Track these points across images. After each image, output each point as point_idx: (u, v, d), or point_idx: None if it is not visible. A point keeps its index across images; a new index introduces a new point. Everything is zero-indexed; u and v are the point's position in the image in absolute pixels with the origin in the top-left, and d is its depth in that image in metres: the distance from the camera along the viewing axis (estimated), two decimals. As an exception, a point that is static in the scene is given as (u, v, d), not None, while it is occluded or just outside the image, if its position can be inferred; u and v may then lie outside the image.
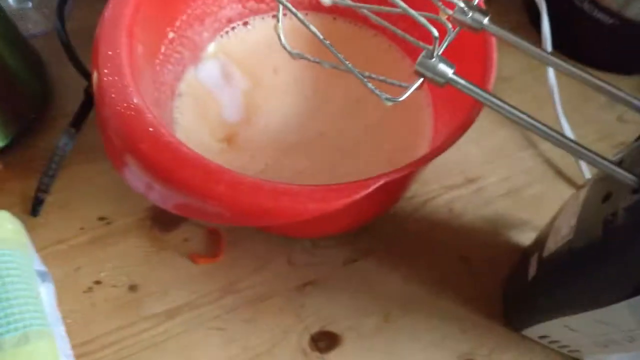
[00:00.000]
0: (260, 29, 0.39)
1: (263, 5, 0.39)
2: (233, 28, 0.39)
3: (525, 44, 0.25)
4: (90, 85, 0.39)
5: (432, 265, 0.37)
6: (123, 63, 0.27)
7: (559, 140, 0.23)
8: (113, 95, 0.26)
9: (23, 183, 0.37)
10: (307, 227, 0.33)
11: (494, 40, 0.29)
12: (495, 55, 0.29)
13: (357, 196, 0.24)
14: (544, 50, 0.26)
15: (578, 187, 0.30)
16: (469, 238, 0.38)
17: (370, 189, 0.24)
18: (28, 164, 0.38)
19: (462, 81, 0.23)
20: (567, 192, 0.38)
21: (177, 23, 0.34)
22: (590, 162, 0.22)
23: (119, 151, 0.27)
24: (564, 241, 0.25)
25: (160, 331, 0.34)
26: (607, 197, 0.23)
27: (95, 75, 0.27)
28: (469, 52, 0.30)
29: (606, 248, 0.22)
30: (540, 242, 0.30)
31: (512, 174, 0.41)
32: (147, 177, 0.26)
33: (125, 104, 0.26)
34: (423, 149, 0.34)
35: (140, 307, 0.35)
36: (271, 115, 0.36)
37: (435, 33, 0.21)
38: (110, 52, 0.27)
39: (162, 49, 0.33)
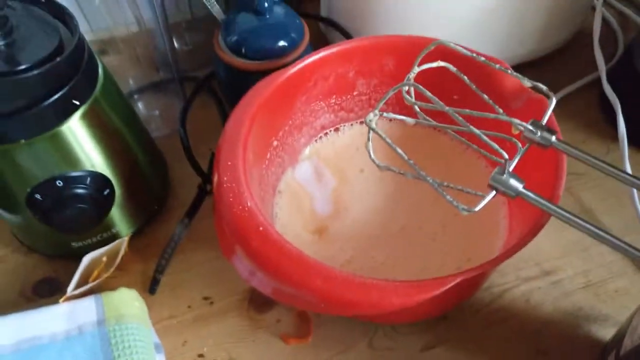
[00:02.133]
0: (349, 134, 0.45)
1: (352, 115, 0.45)
2: (326, 134, 0.45)
3: (592, 159, 0.28)
4: (203, 182, 0.46)
5: (508, 357, 0.38)
6: (239, 172, 0.33)
7: (625, 250, 0.25)
8: (231, 199, 0.32)
9: (144, 265, 0.44)
10: (390, 316, 0.36)
11: (563, 155, 0.32)
12: (563, 168, 0.32)
13: (436, 292, 0.27)
14: (611, 166, 0.28)
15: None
16: (547, 331, 0.39)
17: (448, 286, 0.28)
18: (148, 249, 0.44)
19: (531, 195, 0.26)
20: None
21: (280, 133, 0.40)
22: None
23: (231, 243, 0.32)
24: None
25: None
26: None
27: (216, 181, 0.33)
28: (541, 162, 0.33)
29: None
30: (618, 339, 0.31)
31: (590, 267, 0.42)
32: (253, 266, 0.31)
33: (240, 207, 0.32)
34: (497, 246, 0.37)
35: (237, 379, 0.38)
36: (357, 211, 0.41)
37: (505, 155, 0.25)
38: (229, 163, 0.33)
39: (268, 155, 0.40)
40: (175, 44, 0.59)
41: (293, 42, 0.45)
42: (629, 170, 0.43)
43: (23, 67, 0.32)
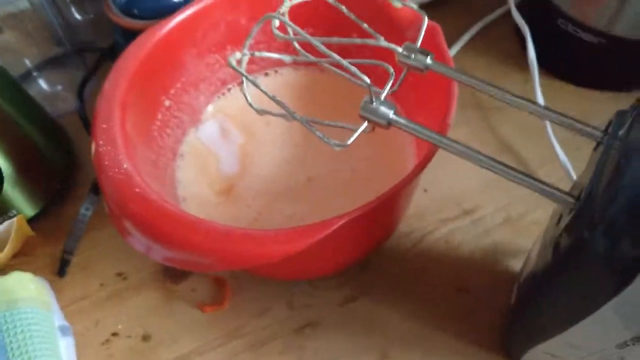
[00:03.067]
0: (253, 87, 0.42)
1: (254, 66, 0.42)
2: (229, 89, 0.42)
3: (466, 77, 0.26)
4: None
5: (430, 299, 0.37)
6: (115, 134, 0.31)
7: (507, 173, 0.24)
8: (106, 163, 0.30)
9: (52, 247, 0.41)
10: (298, 268, 0.35)
11: (452, 85, 0.30)
12: (454, 91, 0.30)
13: (320, 236, 0.26)
14: (477, 79, 0.26)
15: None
16: (467, 270, 0.38)
17: (332, 229, 0.26)
18: (56, 230, 0.42)
19: (402, 121, 0.24)
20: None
21: (172, 91, 0.38)
22: (534, 188, 0.23)
23: (118, 215, 0.30)
24: (531, 267, 0.26)
25: (170, 377, 0.36)
26: (559, 220, 0.23)
27: (92, 146, 0.31)
28: (438, 90, 0.31)
29: (555, 270, 0.22)
30: (521, 270, 0.30)
31: (509, 202, 0.41)
32: (138, 233, 0.29)
33: (116, 170, 0.29)
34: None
35: (152, 355, 0.37)
36: (264, 166, 0.39)
37: (366, 80, 0.23)
38: (104, 125, 0.31)
39: (159, 116, 0.37)
40: (76, 15, 0.55)
41: (186, -5, 0.42)
42: (540, 98, 0.42)
43: None
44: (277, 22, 0.28)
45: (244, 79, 0.28)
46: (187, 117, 0.40)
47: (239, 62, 0.28)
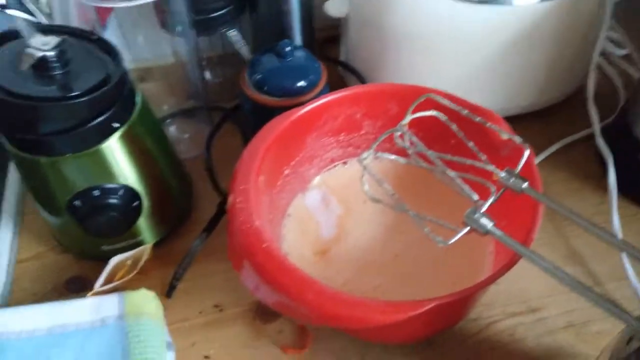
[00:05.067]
0: (356, 167, 0.49)
1: (359, 150, 0.49)
2: (335, 166, 0.49)
3: (556, 205, 0.31)
4: (222, 202, 0.50)
5: (489, 385, 0.41)
6: (250, 195, 0.38)
7: (584, 292, 0.28)
8: (241, 218, 0.36)
9: (163, 271, 0.48)
10: (378, 334, 0.39)
11: (539, 208, 0.35)
12: (540, 212, 0.35)
13: (414, 313, 0.31)
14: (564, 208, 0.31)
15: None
16: (527, 364, 0.41)
17: (424, 309, 0.31)
18: (169, 257, 0.49)
19: (499, 233, 0.30)
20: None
21: (292, 163, 0.45)
22: (611, 313, 0.27)
23: (240, 257, 0.37)
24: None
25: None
26: (629, 341, 0.27)
27: (230, 202, 0.38)
28: (522, 213, 0.36)
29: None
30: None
31: (574, 308, 0.44)
32: (257, 279, 0.35)
33: (249, 225, 0.36)
34: (483, 277, 0.40)
35: (235, 382, 0.42)
36: (357, 238, 0.45)
37: (475, 198, 0.29)
38: (242, 187, 0.38)
39: (279, 182, 0.44)
40: (207, 76, 0.65)
41: (311, 82, 0.50)
42: (616, 220, 0.46)
43: (75, 93, 0.38)
44: (398, 132, 0.34)
45: (366, 173, 0.34)
46: (298, 185, 0.47)
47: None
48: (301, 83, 0.49)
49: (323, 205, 0.47)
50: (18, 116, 0.38)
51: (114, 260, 0.44)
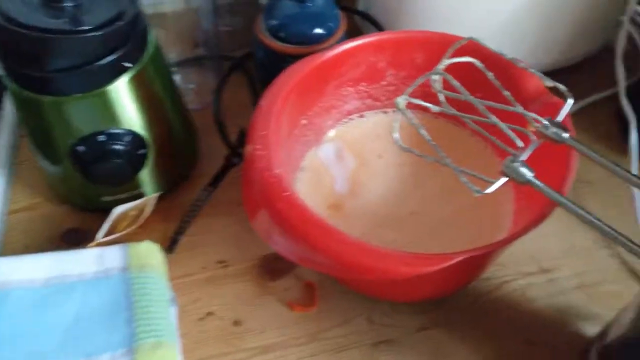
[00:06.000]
0: (372, 121, 0.47)
1: (378, 103, 0.47)
2: (351, 119, 0.48)
3: (600, 158, 0.30)
4: (230, 155, 0.48)
5: (498, 344, 0.40)
6: (271, 142, 0.36)
7: (626, 244, 0.27)
8: (262, 165, 0.35)
9: (166, 225, 0.46)
10: (392, 289, 0.39)
11: (575, 152, 0.34)
12: (574, 163, 0.34)
13: (439, 266, 0.30)
14: (623, 169, 0.30)
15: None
16: (537, 324, 0.41)
17: (452, 262, 0.30)
18: (171, 211, 0.47)
19: (539, 183, 0.29)
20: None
21: (310, 113, 0.43)
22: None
23: (257, 206, 0.35)
24: (622, 332, 0.29)
25: (253, 362, 0.40)
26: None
27: (249, 148, 0.36)
28: (555, 157, 0.35)
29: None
30: (603, 334, 0.34)
31: (586, 269, 0.44)
32: (277, 229, 0.34)
33: (269, 172, 0.34)
34: (502, 236, 0.39)
35: (240, 339, 0.41)
36: (372, 193, 0.44)
37: (520, 143, 0.28)
38: (263, 132, 0.36)
39: (296, 132, 0.42)
40: (218, 25, 0.62)
41: (329, 30, 0.47)
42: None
43: (86, 27, 0.35)
44: (436, 77, 0.33)
45: (398, 119, 0.32)
46: (314, 137, 0.45)
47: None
48: (319, 30, 0.47)
49: (337, 159, 0.46)
50: (24, 49, 0.36)
51: (117, 211, 0.42)
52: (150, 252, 0.40)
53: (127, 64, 0.39)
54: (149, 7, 0.52)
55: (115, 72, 0.39)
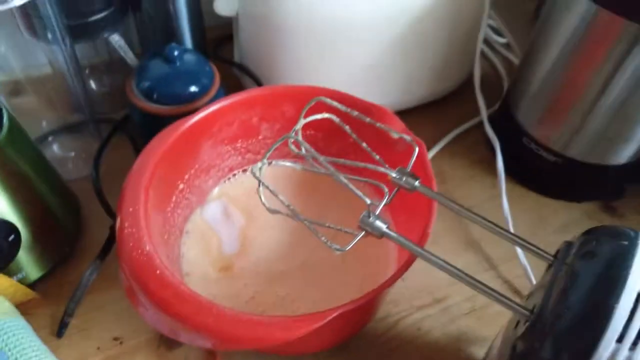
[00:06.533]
0: (256, 175, 0.47)
1: (259, 156, 0.48)
2: (234, 175, 0.47)
3: (447, 201, 0.32)
4: (114, 225, 0.47)
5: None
6: (139, 218, 0.35)
7: (474, 284, 0.29)
8: (131, 244, 0.34)
9: (53, 308, 0.44)
10: (285, 348, 0.38)
11: (433, 204, 0.36)
12: (434, 210, 0.36)
13: (315, 326, 0.30)
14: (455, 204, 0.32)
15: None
16: (433, 355, 0.42)
17: (326, 320, 0.30)
18: (59, 291, 0.44)
19: (394, 234, 0.30)
20: (524, 311, 0.43)
21: (186, 176, 0.43)
22: (498, 302, 0.28)
23: (132, 287, 0.34)
24: (495, 356, 0.30)
25: None
26: (516, 325, 0.29)
27: (118, 226, 0.35)
28: (420, 207, 0.37)
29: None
30: (485, 358, 0.35)
31: (475, 293, 0.46)
32: (154, 309, 0.33)
33: (139, 251, 0.33)
34: (391, 270, 0.40)
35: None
36: (262, 248, 0.43)
37: (368, 201, 0.28)
38: (131, 209, 0.35)
39: (174, 198, 0.42)
40: (93, 86, 0.60)
41: (204, 87, 0.47)
42: (505, 204, 0.49)
43: None
44: (291, 139, 0.33)
45: (261, 185, 0.33)
46: (195, 198, 0.44)
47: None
48: (193, 88, 0.47)
49: (224, 217, 0.45)
50: None
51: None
52: None
53: (-23, 153, 0.37)
54: (13, 74, 0.50)
55: (-35, 162, 0.36)
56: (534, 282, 0.46)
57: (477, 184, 0.54)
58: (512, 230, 0.48)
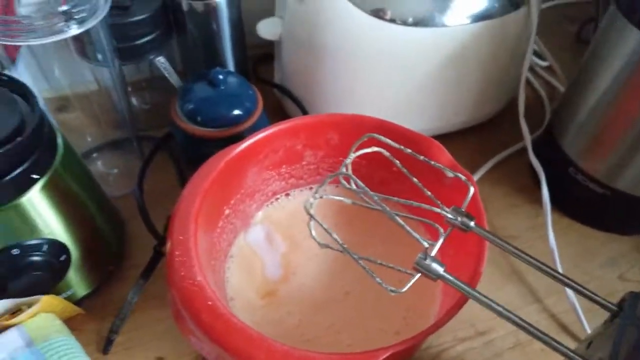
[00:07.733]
0: (299, 199, 0.47)
1: (301, 181, 0.48)
2: (277, 199, 0.48)
3: (502, 244, 0.32)
4: (158, 244, 0.47)
5: (445, 414, 0.41)
6: (190, 246, 0.35)
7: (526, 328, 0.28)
8: (182, 273, 0.34)
9: (99, 325, 0.45)
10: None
11: (485, 243, 0.35)
12: (484, 253, 0.35)
13: (369, 366, 0.30)
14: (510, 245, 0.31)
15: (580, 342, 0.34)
16: (479, 389, 0.42)
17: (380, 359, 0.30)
18: (104, 309, 0.45)
19: (450, 278, 0.29)
20: (571, 346, 0.42)
21: (232, 202, 0.43)
22: (555, 349, 0.28)
23: (182, 314, 0.34)
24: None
25: None
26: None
27: (168, 253, 0.35)
28: (468, 247, 0.36)
29: None
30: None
31: (519, 327, 0.45)
32: (202, 338, 0.33)
33: (191, 281, 0.34)
34: (433, 312, 0.40)
35: None
36: (305, 275, 0.43)
37: (425, 245, 0.28)
38: (181, 237, 0.36)
39: (220, 224, 0.42)
40: (135, 102, 0.61)
41: (247, 110, 0.48)
42: (551, 236, 0.48)
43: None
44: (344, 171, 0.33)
45: (313, 220, 0.33)
46: (240, 223, 0.45)
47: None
48: (237, 112, 0.47)
49: (267, 242, 0.45)
50: None
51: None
52: (46, 321, 0.39)
53: (35, 176, 0.37)
54: (61, 91, 0.51)
55: (24, 185, 0.37)
56: (583, 319, 0.45)
57: (519, 213, 0.53)
58: (558, 263, 0.47)
